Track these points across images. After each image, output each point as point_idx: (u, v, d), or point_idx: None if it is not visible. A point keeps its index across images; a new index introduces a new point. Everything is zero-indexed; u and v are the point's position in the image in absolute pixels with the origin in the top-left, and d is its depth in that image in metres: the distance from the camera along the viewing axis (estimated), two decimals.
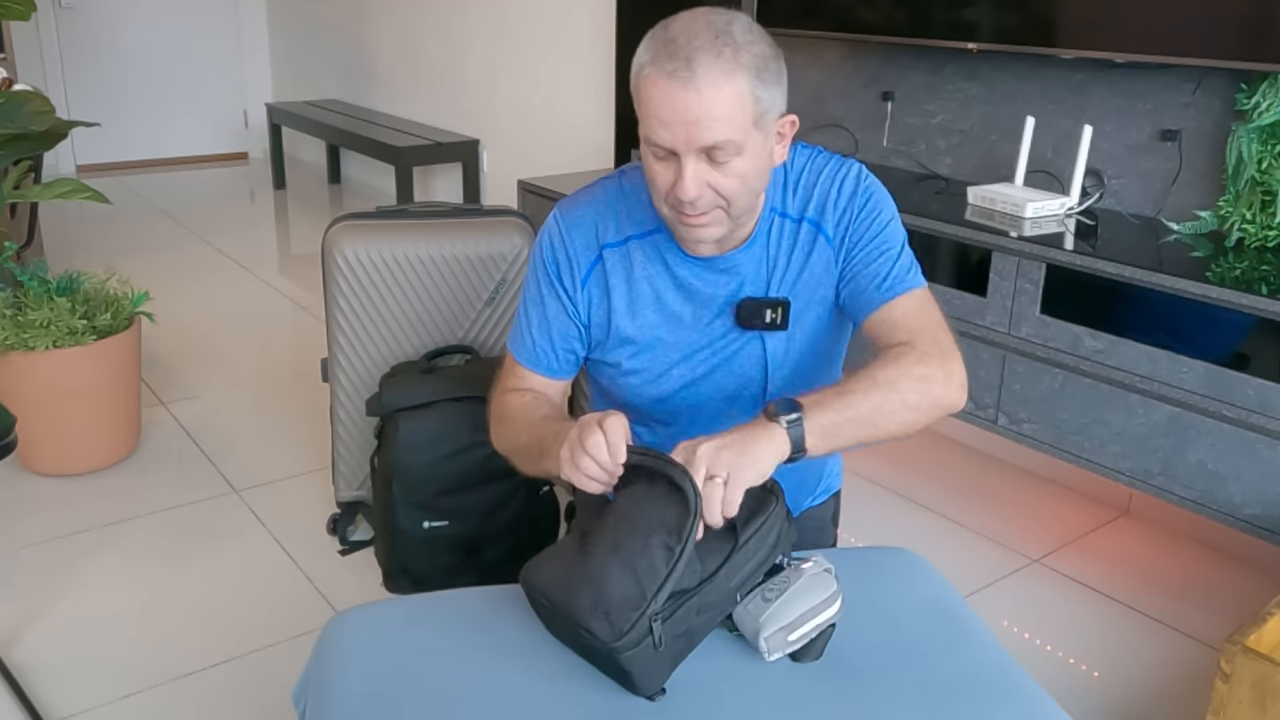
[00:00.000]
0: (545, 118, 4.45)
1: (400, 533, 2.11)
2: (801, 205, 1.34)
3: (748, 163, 1.20)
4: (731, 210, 1.23)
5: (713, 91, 1.14)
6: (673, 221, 1.26)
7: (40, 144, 2.62)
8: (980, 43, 2.56)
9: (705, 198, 1.20)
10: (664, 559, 1.07)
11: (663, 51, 1.16)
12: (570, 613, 1.09)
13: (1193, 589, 2.33)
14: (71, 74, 6.17)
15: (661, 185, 1.22)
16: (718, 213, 1.23)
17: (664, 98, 1.15)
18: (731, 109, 1.16)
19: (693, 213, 1.22)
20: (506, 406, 1.40)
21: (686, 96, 1.14)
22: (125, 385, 2.72)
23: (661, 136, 1.17)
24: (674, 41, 1.16)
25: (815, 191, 1.34)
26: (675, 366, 1.39)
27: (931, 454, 2.92)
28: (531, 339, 1.40)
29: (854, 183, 1.33)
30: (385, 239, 2.20)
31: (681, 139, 1.16)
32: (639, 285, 1.36)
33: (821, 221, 1.33)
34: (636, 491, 1.15)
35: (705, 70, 1.14)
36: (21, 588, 2.22)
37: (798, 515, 1.57)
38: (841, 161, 1.35)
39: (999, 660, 1.22)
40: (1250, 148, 2.19)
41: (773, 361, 1.37)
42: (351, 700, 1.12)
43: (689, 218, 1.23)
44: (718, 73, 1.14)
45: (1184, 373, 2.01)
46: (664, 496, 1.10)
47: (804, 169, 1.35)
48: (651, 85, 1.17)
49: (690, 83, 1.14)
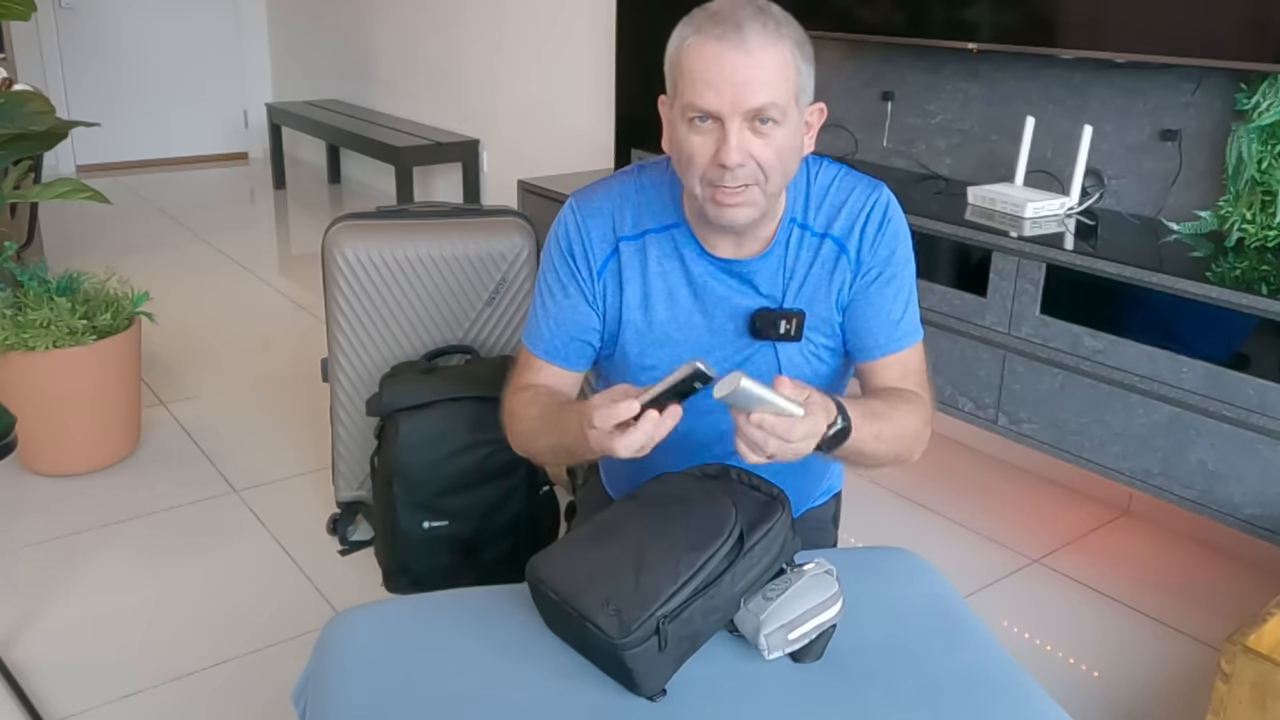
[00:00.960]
0: (545, 118, 4.45)
1: (400, 533, 2.11)
2: (827, 221, 1.34)
3: (786, 136, 1.21)
4: (767, 187, 1.23)
5: (761, 55, 1.16)
6: (705, 200, 1.24)
7: (40, 144, 2.62)
8: (980, 43, 2.56)
9: (747, 168, 1.20)
10: (686, 566, 1.09)
11: (707, 21, 1.18)
12: (579, 607, 1.10)
13: (1193, 589, 2.33)
14: (71, 74, 6.17)
15: (700, 157, 1.21)
16: (754, 190, 1.22)
17: (712, 59, 1.16)
18: (778, 74, 1.18)
19: (732, 184, 1.21)
20: (518, 403, 1.40)
21: (736, 57, 1.16)
22: (125, 385, 2.72)
23: (708, 99, 1.17)
24: (719, 13, 1.18)
25: (843, 211, 1.34)
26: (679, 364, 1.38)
27: (931, 454, 2.90)
28: (547, 330, 1.40)
29: (883, 211, 1.34)
30: (385, 239, 2.20)
31: (729, 100, 1.17)
32: (653, 280, 1.35)
33: (847, 243, 1.33)
34: (668, 502, 1.17)
35: (754, 34, 1.16)
36: (21, 588, 2.22)
37: (799, 516, 1.57)
38: (872, 185, 1.35)
39: (999, 660, 1.22)
40: (1250, 148, 2.19)
41: (786, 372, 1.36)
42: (351, 700, 1.12)
43: (726, 192, 1.22)
44: (765, 37, 1.17)
45: (1184, 373, 2.01)
46: (696, 512, 1.14)
47: (831, 184, 1.35)
48: (698, 50, 1.18)
49: (740, 44, 1.16)
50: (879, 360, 1.35)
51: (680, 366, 1.07)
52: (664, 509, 1.18)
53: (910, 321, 1.37)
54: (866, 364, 1.36)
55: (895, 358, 1.35)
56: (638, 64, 3.46)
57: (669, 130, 1.26)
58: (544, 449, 1.37)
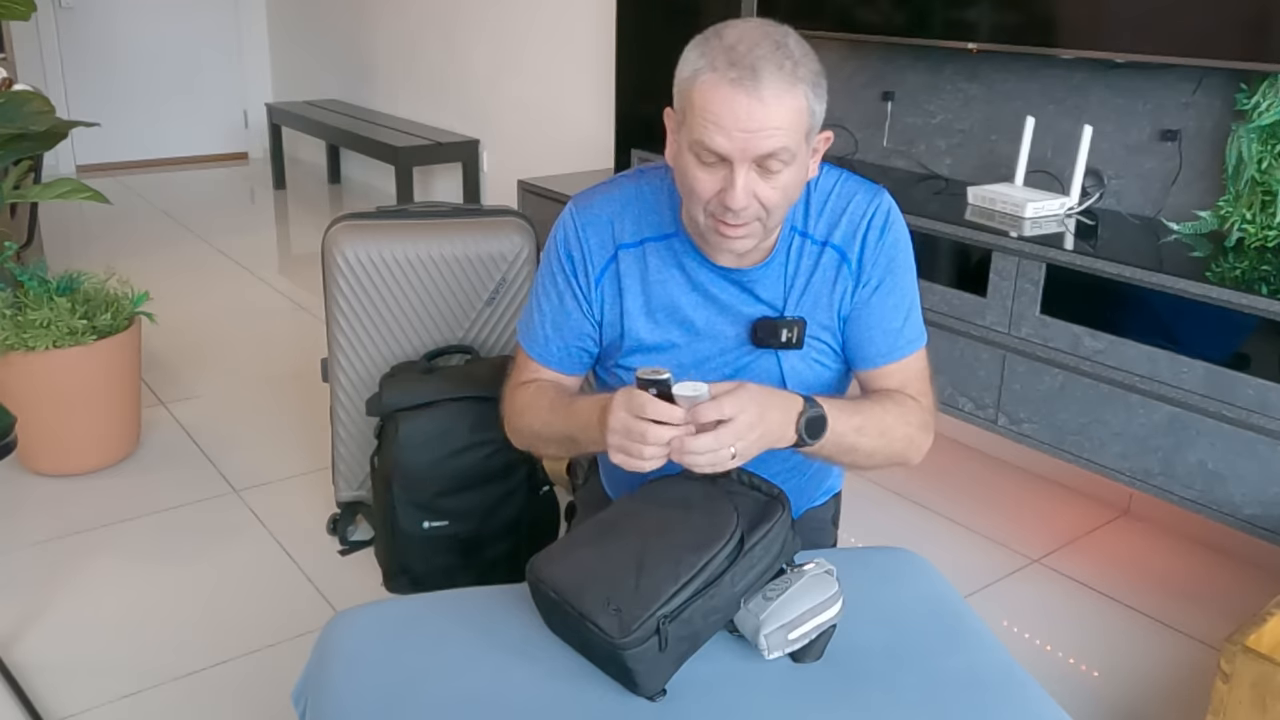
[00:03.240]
0: (545, 118, 4.45)
1: (400, 533, 2.11)
2: (828, 229, 1.33)
3: (793, 174, 1.20)
4: (769, 222, 1.23)
5: (775, 103, 1.14)
6: (707, 229, 1.24)
7: (40, 144, 2.62)
8: (980, 43, 2.56)
9: (751, 208, 1.20)
10: (686, 567, 1.09)
11: (723, 59, 1.14)
12: (579, 607, 1.10)
13: (1193, 589, 2.33)
14: (71, 74, 6.17)
15: (703, 192, 1.20)
16: (756, 225, 1.22)
17: (725, 103, 1.14)
18: (792, 120, 1.16)
19: (735, 222, 1.21)
20: (519, 399, 1.40)
21: (750, 105, 1.13)
22: (125, 385, 2.72)
23: (717, 142, 1.16)
24: (734, 49, 1.14)
25: (844, 219, 1.33)
26: (686, 374, 1.38)
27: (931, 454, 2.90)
28: (544, 334, 1.40)
29: (884, 218, 1.33)
30: (385, 239, 2.20)
31: (739, 147, 1.15)
32: (654, 289, 1.35)
33: (848, 251, 1.33)
34: (669, 503, 1.18)
35: (770, 80, 1.13)
36: (21, 588, 2.22)
37: (799, 516, 1.57)
38: (873, 191, 1.34)
39: (999, 660, 1.22)
40: (1250, 148, 2.19)
41: (789, 380, 1.36)
42: (351, 700, 1.12)
43: (729, 227, 1.22)
44: (781, 84, 1.14)
45: (1184, 373, 2.01)
46: (697, 513, 1.14)
47: (832, 191, 1.34)
48: (711, 90, 1.15)
49: (755, 91, 1.13)
50: (879, 369, 1.35)
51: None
52: (665, 510, 1.18)
53: (913, 329, 1.36)
54: (866, 372, 1.36)
55: (895, 366, 1.35)
56: (638, 64, 3.45)
57: (675, 152, 1.25)
58: (550, 437, 1.37)
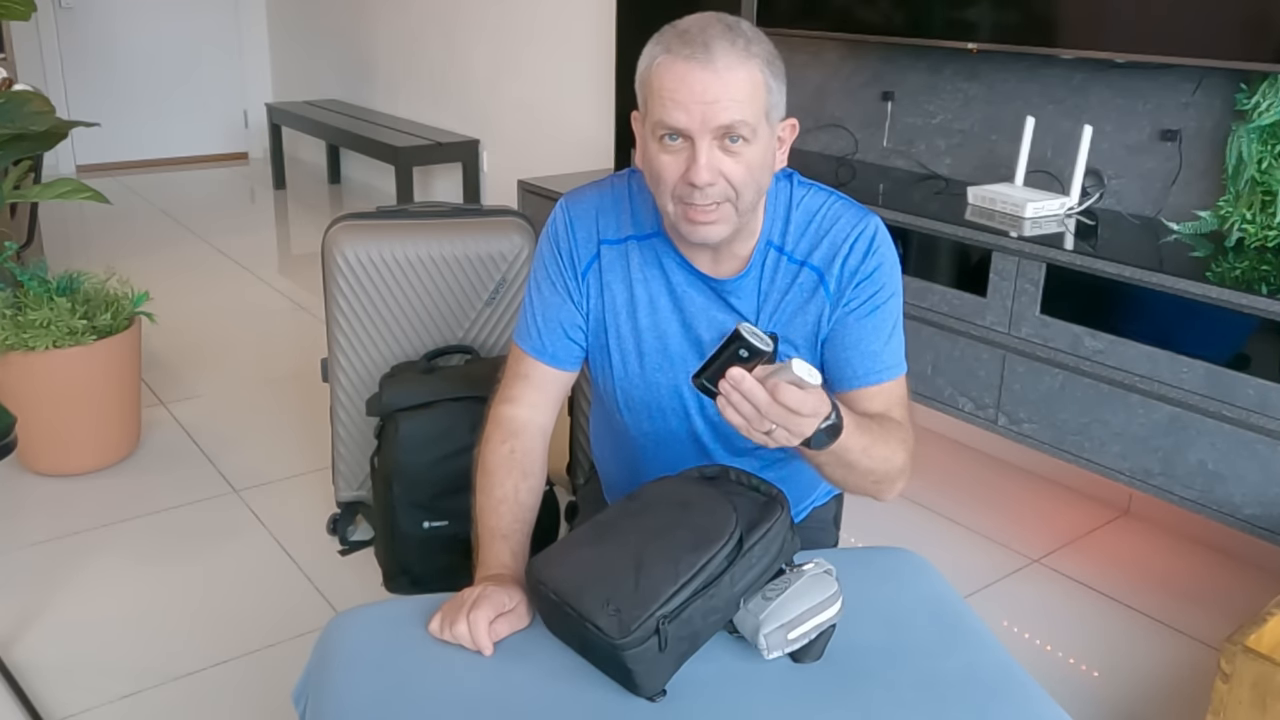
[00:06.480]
0: (545, 118, 4.45)
1: (400, 533, 2.11)
2: (808, 249, 1.32)
3: (757, 154, 1.21)
4: (739, 203, 1.22)
5: (729, 74, 1.16)
6: (677, 218, 1.24)
7: (40, 144, 2.62)
8: (980, 43, 2.57)
9: (717, 186, 1.20)
10: (686, 567, 1.09)
11: (677, 40, 1.18)
12: (579, 608, 1.10)
13: (1193, 589, 2.33)
14: (71, 74, 6.17)
15: (669, 176, 1.21)
16: (726, 207, 1.22)
17: (680, 79, 1.17)
18: (748, 92, 1.18)
19: (703, 202, 1.21)
20: (492, 458, 1.37)
21: (705, 76, 1.16)
22: (125, 385, 2.72)
23: (676, 118, 1.18)
24: (688, 32, 1.18)
25: (825, 240, 1.32)
26: (661, 371, 1.39)
27: (932, 454, 2.92)
28: (537, 328, 1.41)
29: (867, 244, 1.31)
30: (385, 239, 2.20)
31: (698, 119, 1.17)
32: (635, 288, 1.37)
33: (826, 274, 1.31)
34: (668, 504, 1.17)
35: (722, 53, 1.16)
36: (21, 588, 2.22)
37: (799, 516, 1.57)
38: (860, 215, 1.33)
39: (999, 660, 1.22)
40: (1250, 148, 2.19)
41: None
42: (352, 700, 1.12)
43: (698, 210, 1.22)
44: (734, 57, 1.17)
45: (1184, 373, 2.01)
46: (696, 513, 1.14)
47: (817, 212, 1.33)
48: (667, 69, 1.18)
49: (709, 64, 1.16)
50: (857, 391, 1.32)
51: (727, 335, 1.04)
52: (664, 510, 1.18)
53: (892, 355, 1.33)
54: (847, 394, 1.33)
55: (874, 390, 1.32)
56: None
57: (641, 147, 1.27)
58: (475, 515, 1.37)
